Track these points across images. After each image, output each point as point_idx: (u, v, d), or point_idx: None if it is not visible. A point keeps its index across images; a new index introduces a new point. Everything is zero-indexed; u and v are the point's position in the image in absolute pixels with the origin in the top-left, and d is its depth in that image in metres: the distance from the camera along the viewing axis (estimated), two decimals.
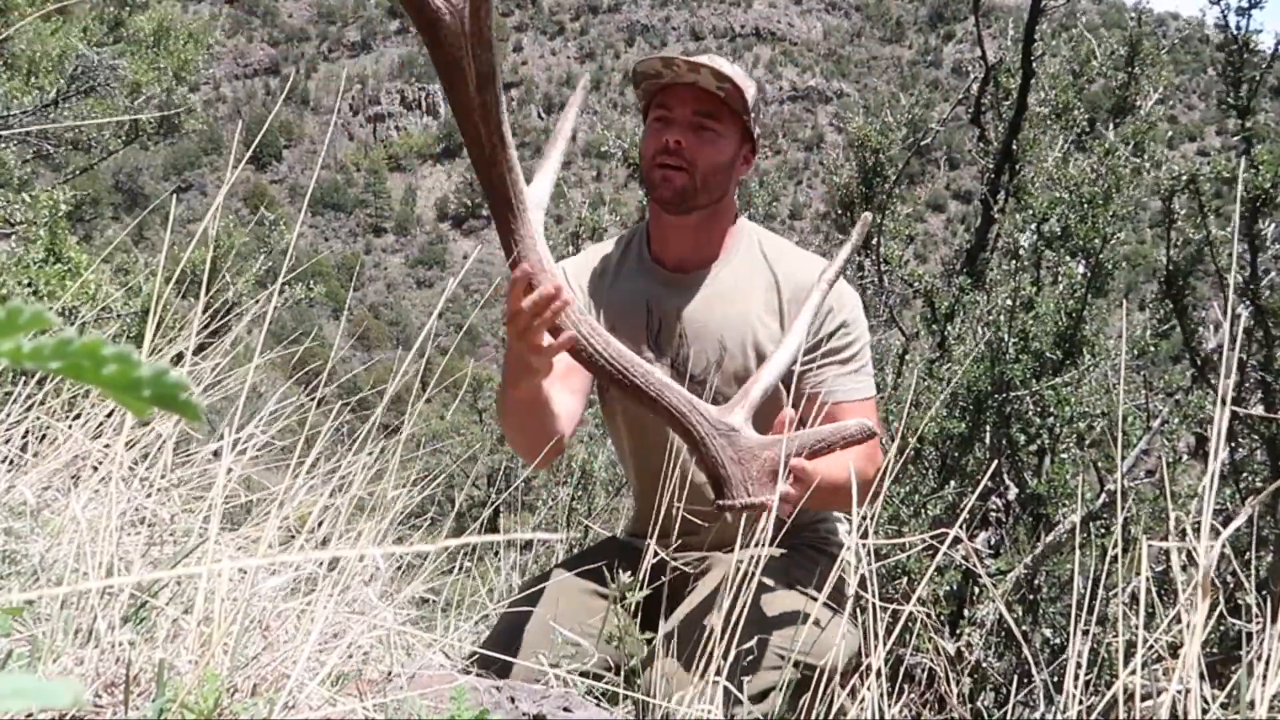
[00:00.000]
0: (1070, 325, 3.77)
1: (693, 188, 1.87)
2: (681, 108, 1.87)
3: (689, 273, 1.98)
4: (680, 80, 1.86)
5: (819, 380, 1.90)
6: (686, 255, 1.98)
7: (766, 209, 5.16)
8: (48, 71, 7.04)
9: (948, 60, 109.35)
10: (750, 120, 1.91)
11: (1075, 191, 3.85)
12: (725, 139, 1.90)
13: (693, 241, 1.97)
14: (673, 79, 1.87)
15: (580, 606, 1.86)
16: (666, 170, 1.86)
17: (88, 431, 1.48)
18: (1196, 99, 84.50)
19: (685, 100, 1.87)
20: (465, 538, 0.75)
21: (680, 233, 1.96)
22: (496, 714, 1.18)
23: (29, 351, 0.34)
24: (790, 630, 1.70)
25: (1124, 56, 4.29)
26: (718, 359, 1.93)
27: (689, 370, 1.94)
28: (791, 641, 1.66)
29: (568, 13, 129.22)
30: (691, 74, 1.84)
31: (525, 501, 5.48)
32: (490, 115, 1.39)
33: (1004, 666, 3.33)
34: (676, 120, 1.87)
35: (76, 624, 1.01)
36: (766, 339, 1.93)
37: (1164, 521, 3.38)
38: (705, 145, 1.87)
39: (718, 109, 1.88)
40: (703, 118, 1.87)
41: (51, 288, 4.01)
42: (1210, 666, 2.91)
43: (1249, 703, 0.96)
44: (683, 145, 1.85)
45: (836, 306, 1.91)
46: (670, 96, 1.89)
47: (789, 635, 1.69)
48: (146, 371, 0.36)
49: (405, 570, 1.88)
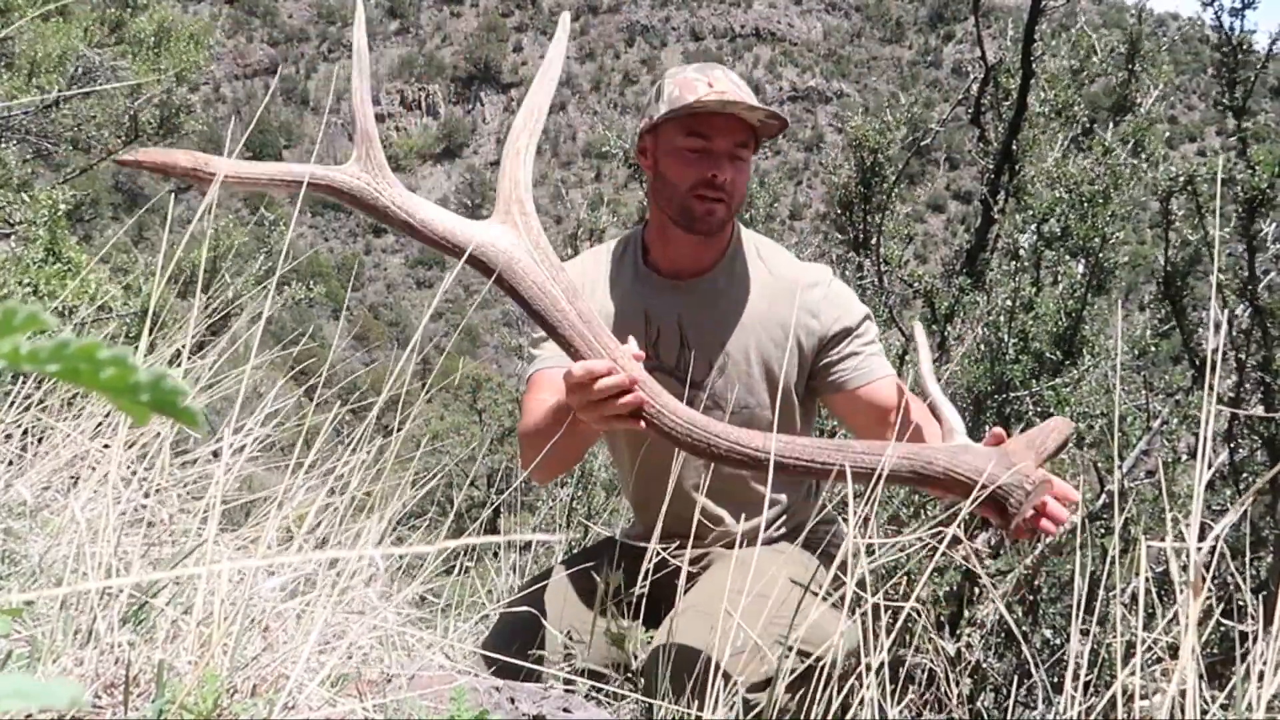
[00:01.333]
0: (1070, 325, 3.77)
1: (729, 215, 1.90)
2: (723, 139, 1.85)
3: (686, 279, 1.98)
4: (720, 110, 1.84)
5: (851, 366, 1.93)
6: (687, 263, 1.98)
7: (767, 209, 5.15)
8: (48, 72, 7.04)
9: (948, 60, 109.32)
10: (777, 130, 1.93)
11: (1075, 191, 3.85)
12: (749, 165, 1.93)
13: (697, 251, 1.97)
14: (714, 109, 1.84)
15: (578, 605, 1.86)
16: (710, 204, 1.86)
17: (87, 432, 1.48)
18: (1196, 99, 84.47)
19: (727, 131, 1.85)
20: (465, 539, 0.75)
21: (689, 246, 1.96)
22: (496, 714, 1.18)
23: (26, 353, 0.34)
24: (789, 619, 1.71)
25: (1124, 54, 4.29)
26: (720, 364, 1.93)
27: (690, 376, 1.95)
28: (791, 630, 1.66)
29: (568, 12, 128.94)
30: (731, 107, 1.82)
31: (525, 502, 5.48)
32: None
33: (1004, 667, 3.33)
34: (718, 152, 1.85)
35: (76, 624, 1.01)
36: (769, 342, 1.93)
37: (1164, 522, 3.38)
38: (740, 174, 1.89)
39: (749, 137, 1.89)
40: (739, 148, 1.87)
41: (51, 288, 4.01)
42: (1210, 667, 2.91)
43: (1247, 705, 0.96)
44: (728, 181, 1.85)
45: (848, 300, 1.96)
46: (707, 125, 1.85)
47: (787, 624, 1.70)
48: (144, 376, 0.35)
49: (405, 571, 1.88)
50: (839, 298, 1.95)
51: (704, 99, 1.81)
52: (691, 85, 1.85)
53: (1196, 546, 1.01)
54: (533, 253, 1.51)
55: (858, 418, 1.94)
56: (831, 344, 1.93)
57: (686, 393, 1.93)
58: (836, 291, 1.96)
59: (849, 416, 1.98)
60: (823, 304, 1.93)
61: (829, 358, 1.93)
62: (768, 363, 1.93)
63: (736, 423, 1.83)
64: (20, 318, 0.33)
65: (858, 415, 1.94)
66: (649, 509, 2.05)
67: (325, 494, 1.33)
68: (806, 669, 1.57)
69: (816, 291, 1.93)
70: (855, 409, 1.93)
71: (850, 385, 1.92)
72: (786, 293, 1.93)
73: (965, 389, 3.76)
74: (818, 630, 1.53)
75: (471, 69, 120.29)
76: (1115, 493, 1.93)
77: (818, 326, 1.92)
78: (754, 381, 1.94)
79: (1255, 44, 3.45)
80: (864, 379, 1.91)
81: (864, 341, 1.94)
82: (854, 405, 1.93)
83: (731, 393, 1.92)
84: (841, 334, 1.93)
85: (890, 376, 1.94)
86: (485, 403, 8.63)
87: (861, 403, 1.92)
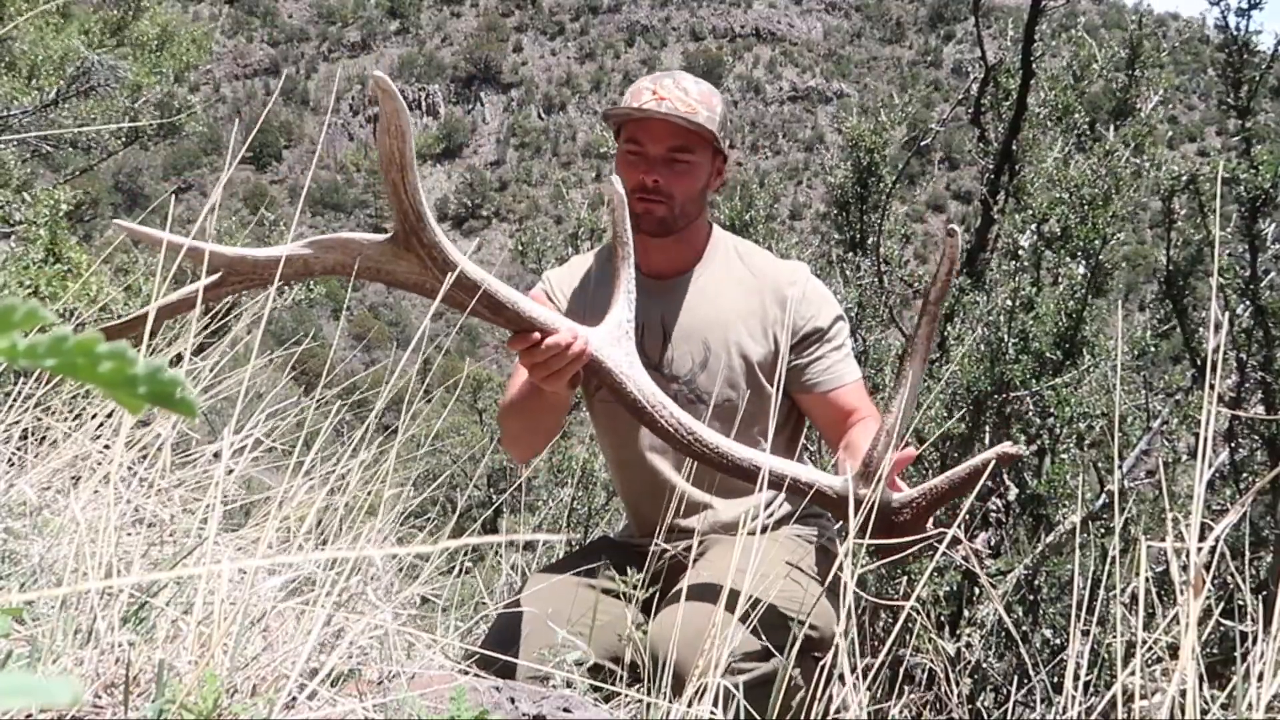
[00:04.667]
0: (1070, 326, 3.77)
1: (672, 216, 1.96)
2: (653, 144, 1.93)
3: (668, 279, 2.05)
4: (651, 116, 1.91)
5: (821, 369, 2.00)
6: (665, 264, 2.05)
7: (767, 209, 5.15)
8: (49, 74, 7.04)
9: (948, 61, 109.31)
10: (719, 139, 1.96)
11: (1075, 192, 3.85)
12: (698, 166, 1.97)
13: (671, 253, 2.04)
14: (643, 116, 1.92)
15: (576, 603, 1.87)
16: (648, 204, 1.93)
17: (87, 432, 1.48)
18: (1197, 99, 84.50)
19: (657, 136, 1.93)
20: (466, 538, 0.75)
21: (660, 248, 2.03)
22: (496, 714, 1.18)
23: (24, 349, 0.34)
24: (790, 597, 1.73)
25: (1125, 59, 4.29)
26: (702, 360, 2.00)
27: (674, 373, 2.00)
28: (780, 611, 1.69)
29: (568, 13, 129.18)
30: (646, 113, 1.90)
31: (526, 502, 5.48)
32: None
33: (1004, 667, 3.33)
34: (650, 156, 1.93)
35: (76, 624, 1.01)
36: (748, 337, 2.00)
37: (1164, 522, 3.38)
38: (680, 177, 1.94)
39: (689, 140, 1.94)
40: (675, 152, 1.93)
41: (53, 288, 4.01)
42: (1210, 668, 2.91)
43: (1247, 705, 0.96)
44: (660, 184, 1.92)
45: (821, 300, 2.03)
46: (641, 131, 1.94)
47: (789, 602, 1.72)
48: (142, 369, 0.36)
49: (406, 571, 1.88)
50: (814, 296, 2.02)
51: (641, 106, 1.91)
52: (638, 93, 1.94)
53: (1197, 546, 1.01)
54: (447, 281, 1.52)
55: (822, 419, 2.03)
56: (802, 344, 2.00)
57: (670, 388, 1.99)
58: (812, 290, 2.03)
59: (814, 415, 2.06)
60: (799, 302, 2.00)
61: (800, 359, 2.00)
62: (748, 357, 1.99)
63: (720, 415, 1.89)
64: (19, 314, 0.33)
65: (822, 416, 2.03)
66: (639, 508, 2.09)
67: (325, 494, 1.33)
68: (809, 644, 1.60)
69: (794, 290, 2.00)
70: (820, 410, 2.02)
71: (819, 389, 2.00)
72: (764, 289, 2.01)
73: (965, 389, 3.76)
74: (822, 607, 1.57)
75: (471, 69, 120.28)
76: (1115, 493, 1.94)
77: (792, 323, 2.00)
78: (735, 375, 2.00)
79: (1260, 44, 3.43)
80: (830, 384, 2.00)
81: (833, 346, 2.01)
82: (819, 407, 2.02)
83: (714, 386, 1.97)
84: (813, 334, 2.00)
85: (856, 383, 2.01)
86: (485, 403, 8.64)
87: (827, 405, 2.00)
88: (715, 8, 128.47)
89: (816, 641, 1.71)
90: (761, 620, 1.52)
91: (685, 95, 1.92)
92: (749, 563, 1.39)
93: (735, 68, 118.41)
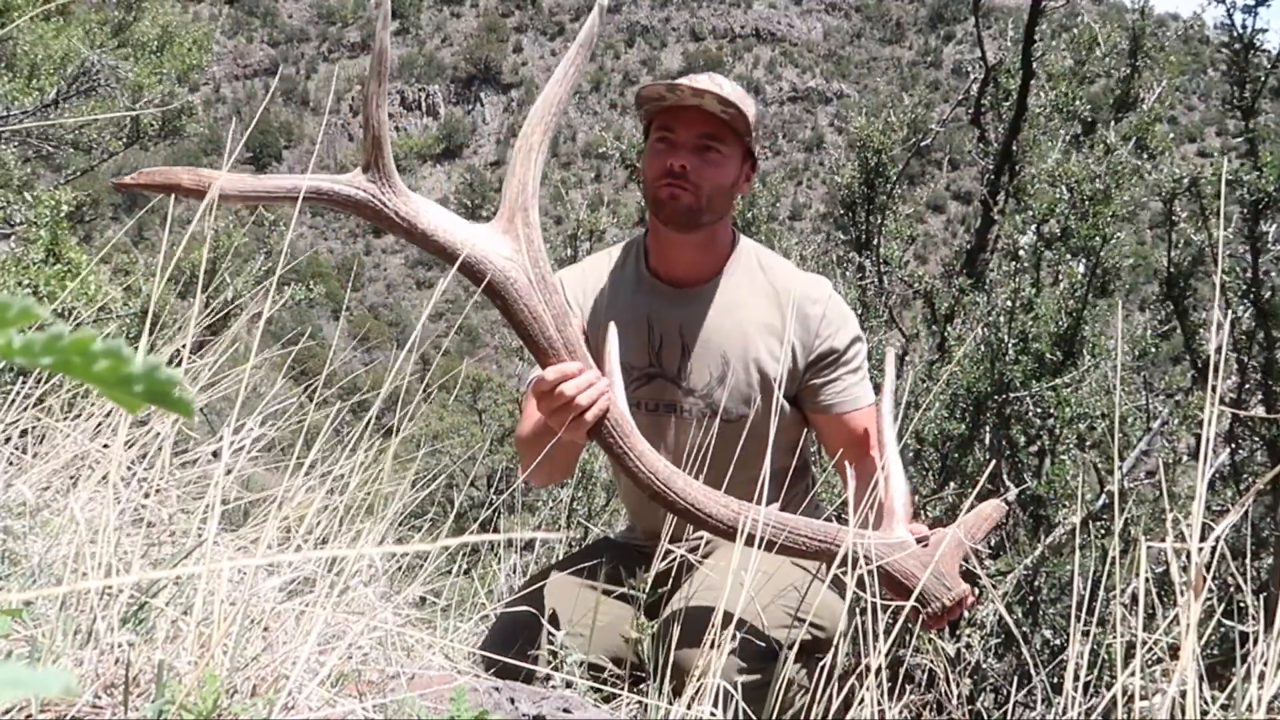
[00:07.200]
0: (1070, 326, 3.77)
1: (699, 207, 1.89)
2: (686, 130, 1.88)
3: (689, 287, 2.00)
4: (684, 103, 1.87)
5: (835, 390, 1.98)
6: (687, 270, 2.00)
7: (768, 209, 5.15)
8: (49, 74, 7.03)
9: (948, 61, 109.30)
10: (752, 140, 1.94)
11: (1076, 191, 3.85)
12: (729, 160, 1.92)
13: (693, 257, 1.99)
14: (676, 102, 1.88)
15: (576, 603, 1.87)
16: (674, 189, 1.87)
17: (87, 432, 1.48)
18: (1196, 99, 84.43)
19: (690, 123, 1.88)
20: (465, 537, 0.74)
21: (682, 249, 1.98)
22: (496, 714, 1.18)
23: (20, 347, 0.34)
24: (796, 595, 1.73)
25: (1126, 50, 4.28)
26: (720, 374, 1.96)
27: (691, 385, 1.97)
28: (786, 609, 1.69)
29: (568, 13, 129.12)
30: (695, 98, 1.84)
31: (525, 502, 5.47)
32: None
33: (1004, 668, 3.33)
34: (680, 143, 1.88)
35: (76, 625, 1.00)
36: (766, 354, 1.96)
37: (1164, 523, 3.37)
38: (710, 167, 1.89)
39: (721, 131, 1.89)
40: (707, 140, 1.89)
41: (51, 288, 4.00)
42: (1210, 668, 2.91)
43: (1247, 705, 0.96)
44: (688, 169, 1.87)
45: (841, 321, 1.99)
46: (674, 119, 1.89)
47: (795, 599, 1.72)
48: (138, 367, 0.35)
49: (405, 571, 1.88)
50: (835, 316, 1.98)
51: (652, 84, 1.88)
52: (674, 86, 1.89)
53: (1197, 547, 1.01)
54: (529, 271, 1.52)
55: (834, 440, 2.01)
56: (818, 363, 1.97)
57: (686, 400, 1.96)
58: (834, 309, 1.99)
59: (825, 436, 2.04)
60: (820, 321, 1.96)
61: (816, 378, 1.98)
62: (765, 372, 1.96)
63: (731, 431, 1.86)
64: (14, 312, 0.33)
65: (834, 438, 2.01)
66: (641, 512, 2.08)
67: (325, 494, 1.33)
68: (813, 644, 1.60)
69: (815, 308, 1.97)
70: (833, 432, 2.00)
71: (832, 411, 1.98)
72: (786, 305, 1.96)
73: (965, 389, 3.76)
74: (826, 608, 1.57)
75: (471, 69, 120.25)
76: (1115, 493, 1.94)
77: (811, 342, 1.97)
78: (752, 391, 1.97)
79: (1265, 43, 3.41)
80: (845, 407, 1.98)
81: (850, 369, 1.99)
82: (830, 427, 2.00)
83: (730, 401, 1.95)
84: (829, 354, 1.97)
85: (870, 407, 1.99)
86: (485, 403, 8.64)
87: (838, 427, 1.99)
88: (715, 8, 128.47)
89: (822, 643, 1.70)
90: (766, 622, 1.52)
91: (720, 89, 1.88)
92: (752, 565, 1.38)
93: (735, 68, 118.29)
